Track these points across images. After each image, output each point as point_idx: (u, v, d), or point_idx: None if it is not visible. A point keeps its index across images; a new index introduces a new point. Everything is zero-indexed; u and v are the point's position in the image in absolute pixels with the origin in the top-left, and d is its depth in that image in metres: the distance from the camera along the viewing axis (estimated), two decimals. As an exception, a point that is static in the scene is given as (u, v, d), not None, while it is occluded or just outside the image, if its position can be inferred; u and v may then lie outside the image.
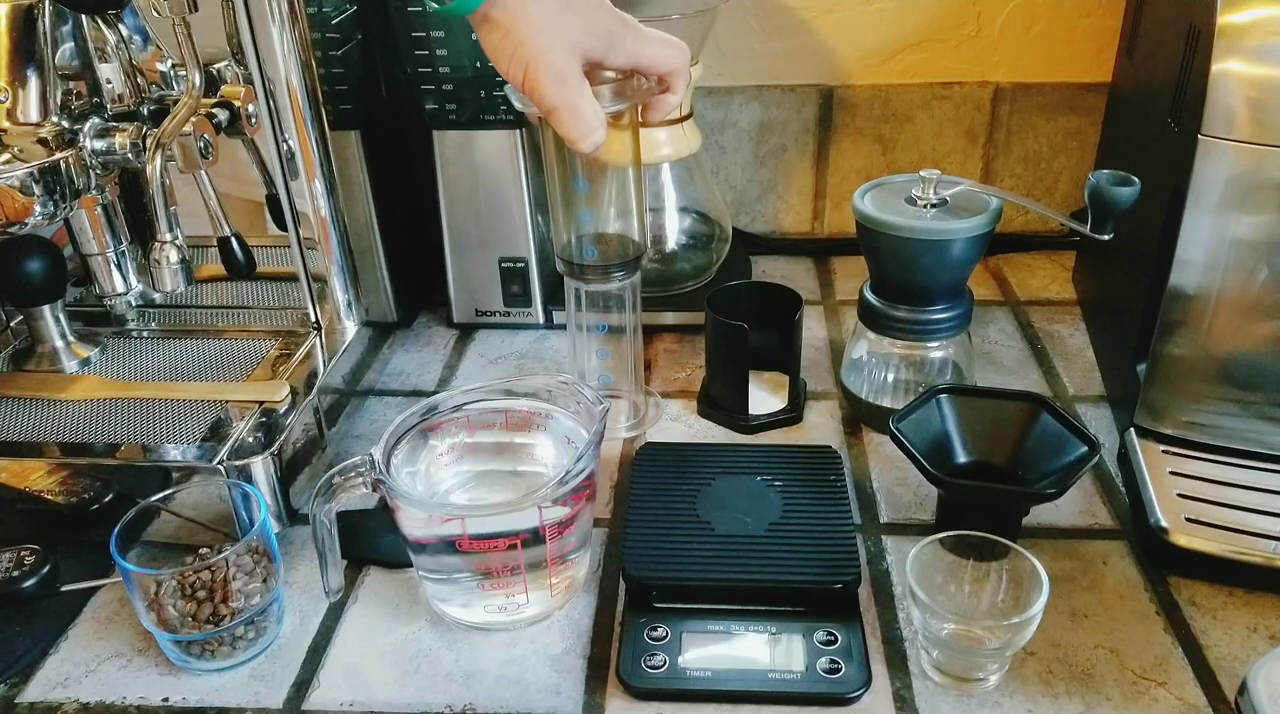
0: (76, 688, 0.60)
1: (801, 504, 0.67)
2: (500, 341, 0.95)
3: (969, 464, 0.69)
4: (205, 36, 0.68)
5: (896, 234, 0.73)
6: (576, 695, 0.59)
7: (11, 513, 0.69)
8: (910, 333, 0.77)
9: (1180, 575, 0.65)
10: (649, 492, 0.69)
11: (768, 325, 0.81)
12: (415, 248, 0.96)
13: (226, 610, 0.59)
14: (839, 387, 0.85)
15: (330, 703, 0.59)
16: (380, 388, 0.88)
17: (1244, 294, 0.65)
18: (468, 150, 0.87)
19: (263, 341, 0.82)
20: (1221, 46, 0.60)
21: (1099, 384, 0.85)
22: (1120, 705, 0.57)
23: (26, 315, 0.79)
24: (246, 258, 0.77)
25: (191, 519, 0.67)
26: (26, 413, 0.74)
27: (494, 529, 0.59)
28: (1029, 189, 1.08)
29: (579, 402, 0.65)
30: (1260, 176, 0.62)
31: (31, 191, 0.64)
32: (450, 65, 0.83)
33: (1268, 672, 0.54)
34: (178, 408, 0.73)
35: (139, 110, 0.72)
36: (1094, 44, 1.01)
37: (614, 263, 0.73)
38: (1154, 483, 0.67)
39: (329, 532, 0.60)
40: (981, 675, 0.58)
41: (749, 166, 1.08)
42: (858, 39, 1.02)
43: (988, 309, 0.97)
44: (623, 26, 0.61)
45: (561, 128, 0.60)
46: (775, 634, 0.60)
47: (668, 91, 0.65)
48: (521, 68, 0.58)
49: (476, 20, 0.58)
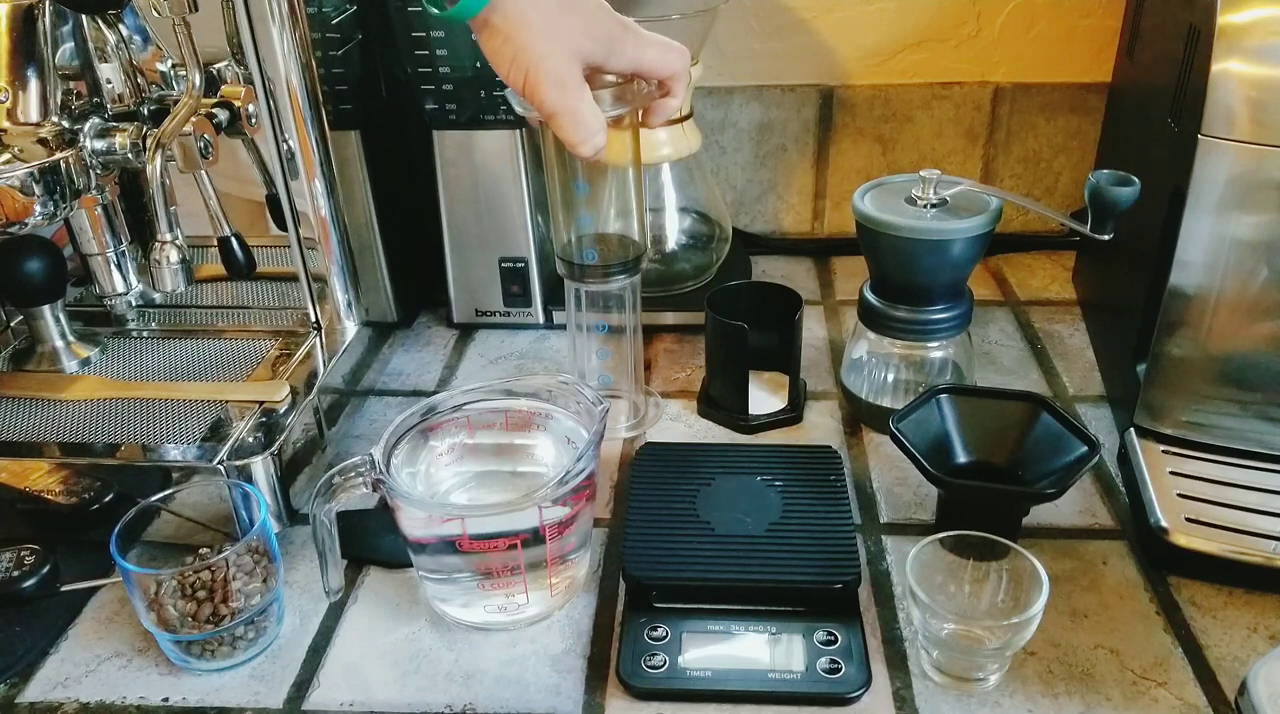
0: (76, 688, 0.60)
1: (801, 504, 0.67)
2: (500, 342, 0.95)
3: (969, 464, 0.69)
4: (205, 36, 0.68)
5: (896, 234, 0.73)
6: (576, 695, 0.59)
7: (11, 513, 0.69)
8: (910, 333, 0.77)
9: (1180, 575, 0.65)
10: (649, 492, 0.69)
11: (768, 325, 0.81)
12: (415, 248, 0.96)
13: (226, 610, 0.59)
14: (839, 387, 0.85)
15: (330, 703, 0.59)
16: (380, 388, 0.88)
17: (1244, 294, 0.65)
18: (468, 150, 0.87)
19: (263, 341, 0.82)
20: (1221, 46, 0.60)
21: (1099, 384, 0.85)
22: (1120, 705, 0.57)
23: (26, 315, 0.80)
24: (246, 258, 0.77)
25: (191, 519, 0.67)
26: (26, 413, 0.74)
27: (494, 529, 0.59)
28: (1029, 189, 1.08)
29: (579, 402, 0.65)
30: (1260, 176, 0.62)
31: (31, 191, 0.64)
32: (450, 65, 0.83)
33: (1268, 672, 0.54)
34: (178, 408, 0.73)
35: (139, 110, 0.72)
36: (1094, 44, 1.01)
37: (614, 264, 0.73)
38: (1154, 483, 0.67)
39: (329, 532, 0.60)
40: (981, 675, 0.58)
41: (749, 166, 1.08)
42: (858, 39, 1.02)
43: (988, 309, 0.97)
44: (623, 30, 0.61)
45: (562, 132, 0.60)
46: (775, 634, 0.60)
47: (668, 95, 0.65)
48: (522, 73, 0.58)
49: (477, 26, 0.58)
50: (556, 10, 0.58)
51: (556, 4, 0.58)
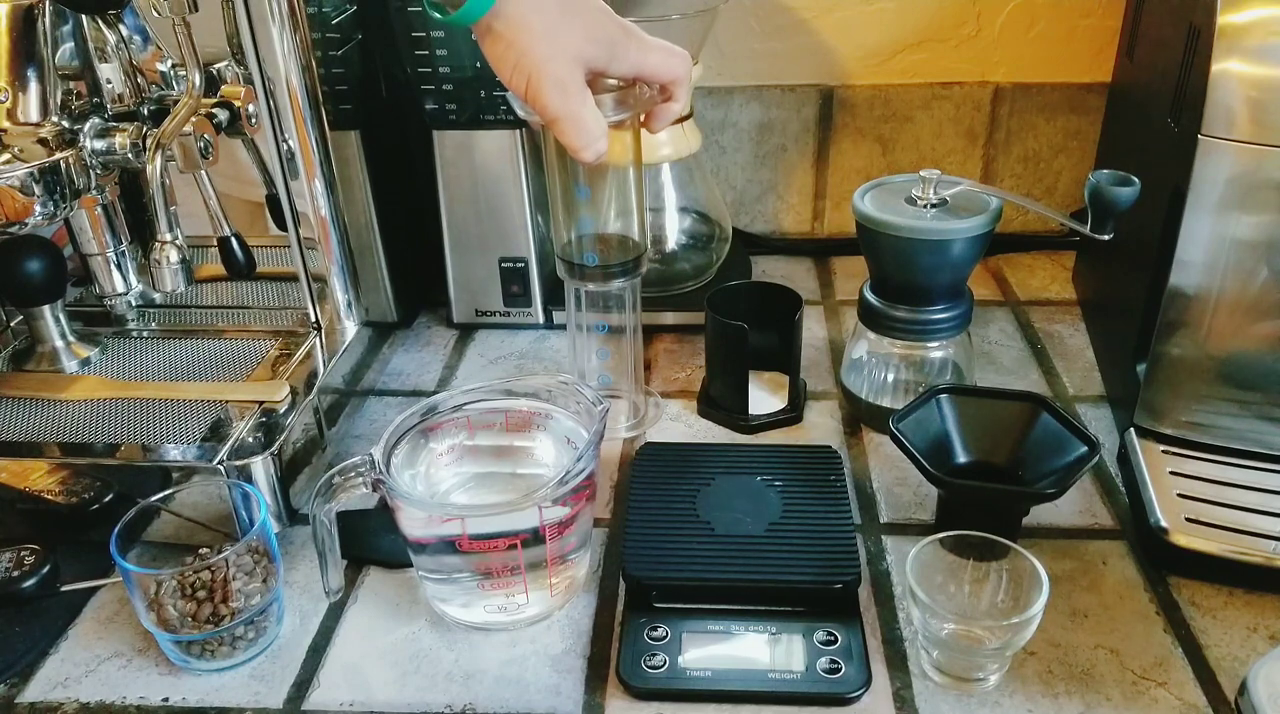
0: (76, 688, 0.60)
1: (801, 504, 0.67)
2: (500, 342, 0.95)
3: (969, 464, 0.69)
4: (205, 36, 0.68)
5: (896, 234, 0.73)
6: (576, 695, 0.59)
7: (11, 513, 0.69)
8: (910, 333, 0.77)
9: (1180, 575, 0.65)
10: (649, 492, 0.69)
11: (768, 325, 0.81)
12: (415, 248, 0.96)
13: (226, 610, 0.59)
14: (839, 387, 0.85)
15: (330, 703, 0.59)
16: (380, 388, 0.88)
17: (1244, 294, 0.65)
18: (468, 150, 0.87)
19: (263, 341, 0.82)
20: (1221, 46, 0.60)
21: (1099, 384, 0.85)
22: (1120, 705, 0.57)
23: (26, 315, 0.80)
24: (246, 258, 0.77)
25: (191, 519, 0.67)
26: (26, 413, 0.74)
27: (494, 529, 0.59)
28: (1029, 189, 1.08)
29: (579, 402, 0.65)
30: (1260, 176, 0.62)
31: (31, 191, 0.64)
32: (450, 65, 0.83)
33: (1268, 672, 0.54)
34: (178, 408, 0.73)
35: (139, 110, 0.72)
36: (1094, 44, 1.01)
37: (614, 264, 0.73)
38: (1154, 483, 0.67)
39: (329, 532, 0.60)
40: (981, 675, 0.58)
41: (749, 166, 1.08)
42: (858, 39, 1.02)
43: (988, 309, 0.97)
44: (625, 35, 0.61)
45: (564, 137, 0.60)
46: (775, 634, 0.60)
47: (670, 100, 0.65)
48: (524, 78, 0.58)
49: (479, 31, 0.58)
50: (558, 15, 0.58)
51: (558, 9, 0.58)
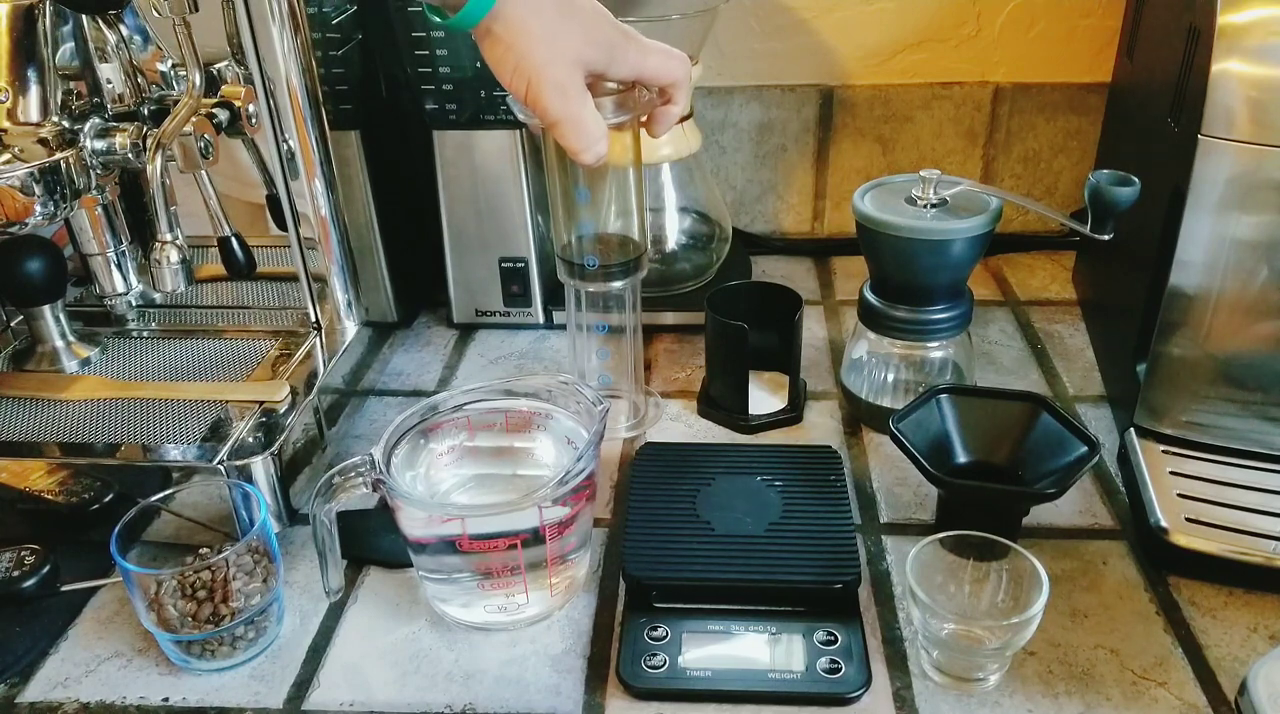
0: (76, 688, 0.60)
1: (801, 504, 0.67)
2: (500, 342, 0.95)
3: (969, 464, 0.69)
4: (205, 36, 0.68)
5: (896, 234, 0.73)
6: (576, 695, 0.59)
7: (11, 513, 0.69)
8: (910, 333, 0.77)
9: (1180, 575, 0.65)
10: (649, 492, 0.69)
11: (768, 325, 0.81)
12: (415, 248, 0.96)
13: (226, 610, 0.59)
14: (839, 387, 0.85)
15: (330, 703, 0.59)
16: (380, 388, 0.88)
17: (1244, 294, 0.65)
18: (468, 150, 0.87)
19: (263, 341, 0.82)
20: (1221, 46, 0.60)
21: (1099, 384, 0.85)
22: (1120, 705, 0.57)
23: (26, 315, 0.80)
24: (246, 258, 0.77)
25: (191, 519, 0.67)
26: (26, 413, 0.74)
27: (494, 529, 0.59)
28: (1029, 189, 1.08)
29: (579, 402, 0.65)
30: (1260, 176, 0.62)
31: (32, 191, 0.64)
32: (450, 65, 0.83)
33: (1268, 672, 0.54)
34: (178, 408, 0.73)
35: (139, 110, 0.72)
36: (1094, 44, 1.01)
37: (614, 265, 0.73)
38: (1154, 483, 0.67)
39: (329, 532, 0.60)
40: (981, 675, 0.58)
41: (749, 166, 1.08)
42: (858, 39, 1.02)
43: (988, 309, 0.97)
44: (624, 38, 0.61)
45: (564, 140, 0.60)
46: (775, 634, 0.60)
47: (669, 103, 0.65)
48: (524, 81, 0.58)
49: (479, 34, 0.58)
50: (557, 18, 0.58)
51: (557, 12, 0.58)
